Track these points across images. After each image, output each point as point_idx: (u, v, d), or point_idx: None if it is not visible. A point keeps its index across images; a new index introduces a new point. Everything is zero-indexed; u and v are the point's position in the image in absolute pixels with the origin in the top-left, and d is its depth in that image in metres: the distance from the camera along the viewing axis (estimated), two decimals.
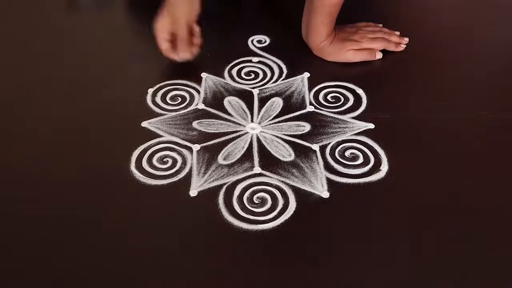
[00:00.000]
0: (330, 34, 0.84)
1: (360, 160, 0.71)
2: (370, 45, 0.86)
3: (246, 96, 0.81)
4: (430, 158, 0.72)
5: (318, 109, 0.79)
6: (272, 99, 0.80)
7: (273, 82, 0.83)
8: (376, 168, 0.70)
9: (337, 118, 0.77)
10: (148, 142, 0.73)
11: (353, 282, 0.59)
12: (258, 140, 0.74)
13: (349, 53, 0.85)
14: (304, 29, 0.87)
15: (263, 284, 0.59)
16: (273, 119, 0.77)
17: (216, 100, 0.80)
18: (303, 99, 0.80)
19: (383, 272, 0.60)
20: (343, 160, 0.71)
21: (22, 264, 0.60)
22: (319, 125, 0.76)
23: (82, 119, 0.77)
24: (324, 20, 0.82)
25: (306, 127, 0.76)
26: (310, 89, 0.82)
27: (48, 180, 0.69)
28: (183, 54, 0.82)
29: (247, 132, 0.75)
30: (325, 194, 0.67)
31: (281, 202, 0.66)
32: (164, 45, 0.81)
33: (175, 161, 0.71)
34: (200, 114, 0.78)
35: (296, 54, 0.88)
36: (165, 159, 0.71)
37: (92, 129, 0.76)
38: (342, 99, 0.80)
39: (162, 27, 0.80)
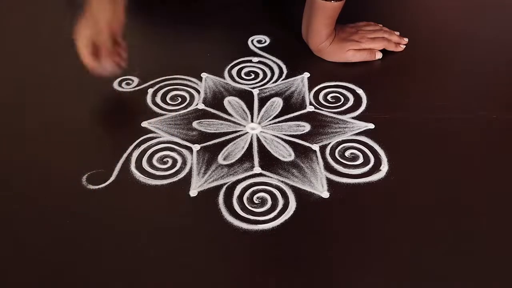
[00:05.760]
0: (330, 34, 0.84)
1: (360, 160, 0.71)
2: (370, 45, 0.86)
3: (246, 96, 0.81)
4: (430, 158, 0.72)
5: (318, 109, 0.79)
6: (272, 99, 0.80)
7: (273, 82, 0.83)
8: (376, 168, 0.70)
9: (337, 118, 0.77)
10: (148, 142, 0.73)
11: (353, 282, 0.59)
12: (258, 140, 0.74)
13: (349, 53, 0.85)
14: (304, 30, 0.87)
15: (263, 284, 0.59)
16: (273, 119, 0.77)
17: (216, 100, 0.80)
18: (303, 99, 0.80)
19: (383, 272, 0.60)
20: (343, 160, 0.71)
21: (22, 263, 0.60)
22: (319, 125, 0.76)
23: (81, 119, 0.77)
24: (325, 22, 0.82)
25: (306, 127, 0.76)
26: (310, 89, 0.82)
27: (48, 180, 0.69)
28: (109, 67, 0.75)
29: (247, 132, 0.75)
30: (325, 194, 0.67)
31: (281, 202, 0.66)
32: (86, 55, 0.73)
33: (175, 161, 0.71)
34: (200, 114, 0.78)
35: (296, 54, 0.88)
36: (165, 159, 0.71)
37: (92, 129, 0.76)
38: (342, 99, 0.80)
39: (84, 37, 0.73)
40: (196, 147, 0.73)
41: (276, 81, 0.83)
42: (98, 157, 0.72)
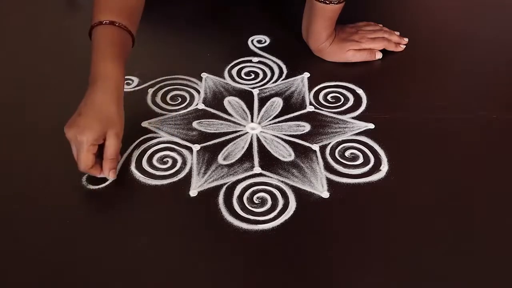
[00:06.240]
0: (330, 35, 0.84)
1: (360, 160, 0.71)
2: (370, 45, 0.86)
3: (246, 96, 0.81)
4: (430, 158, 0.72)
5: (318, 109, 0.79)
6: (272, 99, 0.80)
7: (273, 82, 0.83)
8: (376, 168, 0.70)
9: (337, 118, 0.77)
10: (148, 142, 0.73)
11: (353, 282, 0.59)
12: (258, 140, 0.74)
13: (349, 53, 0.85)
14: (304, 31, 0.87)
15: (263, 284, 0.59)
16: (273, 119, 0.77)
17: (216, 100, 0.80)
18: (303, 99, 0.80)
19: (383, 272, 0.60)
20: (343, 160, 0.71)
21: (22, 263, 0.60)
22: (319, 125, 0.76)
23: None
24: (325, 24, 0.83)
25: (306, 127, 0.76)
26: (310, 89, 0.82)
27: (48, 180, 0.69)
28: (112, 174, 0.67)
29: (247, 132, 0.75)
30: (325, 194, 0.67)
31: (281, 202, 0.66)
32: (91, 161, 0.65)
33: (175, 161, 0.71)
34: (200, 114, 0.78)
35: (296, 54, 0.88)
36: (165, 159, 0.71)
37: None
38: (342, 99, 0.80)
39: (96, 141, 0.65)
40: (196, 147, 0.73)
41: (276, 81, 0.83)
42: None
